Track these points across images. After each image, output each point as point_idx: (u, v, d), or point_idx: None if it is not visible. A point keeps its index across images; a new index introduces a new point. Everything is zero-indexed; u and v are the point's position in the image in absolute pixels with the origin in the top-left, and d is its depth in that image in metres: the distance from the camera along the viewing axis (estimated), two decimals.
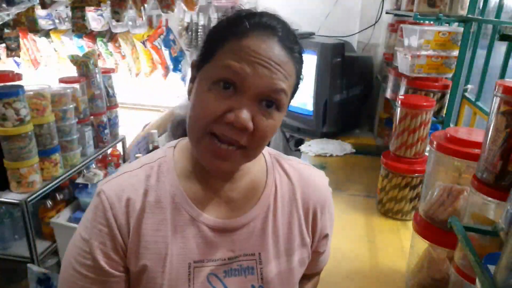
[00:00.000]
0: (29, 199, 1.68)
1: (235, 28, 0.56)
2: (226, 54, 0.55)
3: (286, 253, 0.66)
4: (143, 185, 0.62)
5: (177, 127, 0.78)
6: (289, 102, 0.61)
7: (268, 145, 0.68)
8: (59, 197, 2.02)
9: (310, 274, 0.79)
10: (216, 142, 0.55)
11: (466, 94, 1.39)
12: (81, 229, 0.62)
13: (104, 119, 2.24)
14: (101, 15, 2.85)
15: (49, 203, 1.95)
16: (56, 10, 2.86)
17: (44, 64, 3.40)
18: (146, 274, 0.59)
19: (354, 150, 1.92)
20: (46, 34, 3.15)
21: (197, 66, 0.60)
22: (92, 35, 3.01)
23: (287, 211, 0.67)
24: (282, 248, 0.65)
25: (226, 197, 0.64)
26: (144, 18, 2.48)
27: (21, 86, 1.64)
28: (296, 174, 0.70)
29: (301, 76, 0.62)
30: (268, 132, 0.57)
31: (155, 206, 0.61)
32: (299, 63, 0.60)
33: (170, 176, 0.63)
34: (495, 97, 0.63)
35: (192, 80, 0.61)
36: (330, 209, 0.72)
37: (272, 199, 0.66)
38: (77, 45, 3.09)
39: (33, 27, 2.64)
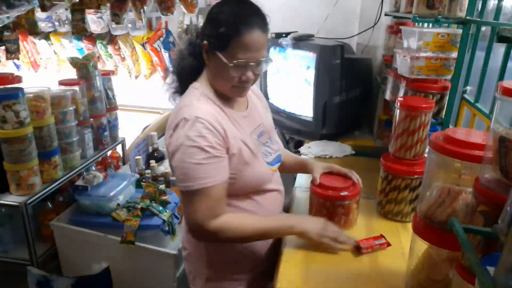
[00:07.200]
0: (28, 202, 1.68)
1: (243, 25, 0.96)
2: (239, 48, 0.99)
3: (267, 119, 1.32)
4: (211, 107, 1.09)
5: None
6: None
7: None
8: (59, 199, 2.02)
9: None
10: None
11: (465, 95, 1.39)
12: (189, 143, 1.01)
13: (104, 121, 2.25)
14: (101, 17, 2.86)
15: (49, 205, 1.95)
16: (56, 13, 2.87)
17: (44, 67, 3.41)
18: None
19: (353, 152, 1.92)
20: (46, 36, 3.16)
21: (212, 47, 1.04)
22: (92, 38, 3.02)
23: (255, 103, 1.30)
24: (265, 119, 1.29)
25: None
26: (143, 21, 2.49)
27: (21, 89, 1.65)
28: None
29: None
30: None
31: (223, 117, 1.10)
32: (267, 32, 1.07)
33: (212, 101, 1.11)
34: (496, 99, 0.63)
35: (207, 52, 1.06)
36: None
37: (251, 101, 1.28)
38: (77, 48, 3.10)
39: (33, 30, 2.64)
